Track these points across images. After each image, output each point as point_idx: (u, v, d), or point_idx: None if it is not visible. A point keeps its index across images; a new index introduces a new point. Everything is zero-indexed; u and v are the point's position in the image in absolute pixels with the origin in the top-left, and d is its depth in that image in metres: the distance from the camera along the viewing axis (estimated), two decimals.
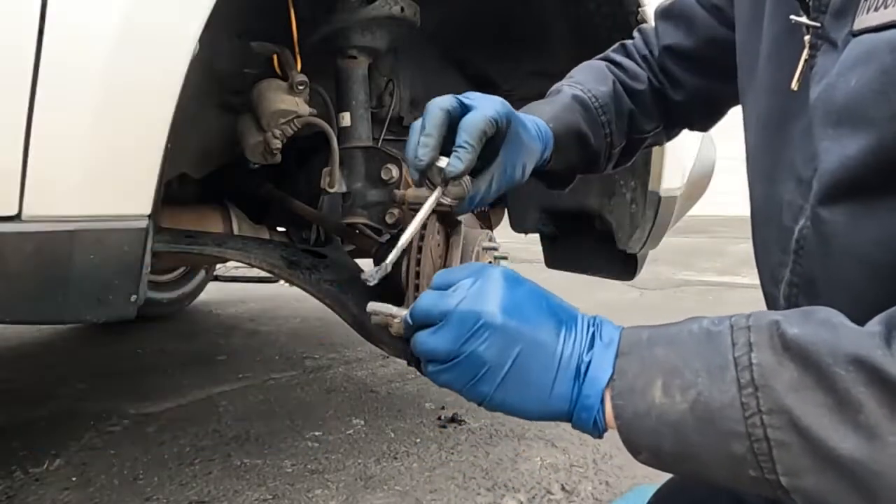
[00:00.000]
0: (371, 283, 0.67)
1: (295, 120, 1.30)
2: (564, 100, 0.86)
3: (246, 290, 3.82)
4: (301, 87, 1.29)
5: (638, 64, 0.91)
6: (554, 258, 1.97)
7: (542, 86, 1.80)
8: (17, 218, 0.81)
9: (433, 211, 0.91)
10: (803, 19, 0.54)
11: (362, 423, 1.94)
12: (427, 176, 0.66)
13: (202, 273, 3.29)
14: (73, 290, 0.86)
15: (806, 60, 0.55)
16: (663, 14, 0.90)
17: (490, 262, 1.33)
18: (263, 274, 1.40)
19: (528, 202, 1.93)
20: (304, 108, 1.30)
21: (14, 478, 1.53)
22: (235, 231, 1.56)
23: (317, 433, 1.85)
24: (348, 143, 1.36)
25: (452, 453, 1.74)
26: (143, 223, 0.90)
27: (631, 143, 0.91)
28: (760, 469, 0.42)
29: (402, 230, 0.71)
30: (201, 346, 2.78)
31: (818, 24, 0.53)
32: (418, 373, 1.46)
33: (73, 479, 1.55)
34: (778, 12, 0.62)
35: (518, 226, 1.95)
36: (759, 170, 0.65)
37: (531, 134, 0.74)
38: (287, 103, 1.28)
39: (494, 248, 1.33)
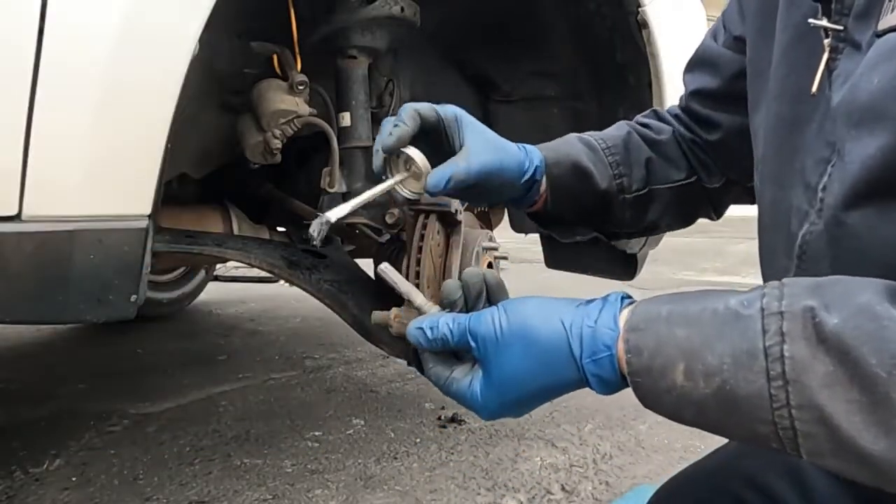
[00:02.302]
0: (315, 241, 0.69)
1: (295, 120, 1.30)
2: (565, 138, 0.85)
3: (246, 290, 3.81)
4: (301, 87, 1.29)
5: (666, 122, 0.88)
6: (554, 258, 1.97)
7: (542, 86, 1.82)
8: (17, 218, 0.81)
9: (434, 212, 0.93)
10: (823, 22, 0.53)
11: (362, 423, 1.94)
12: (389, 163, 0.72)
13: (202, 273, 3.29)
14: (73, 290, 0.86)
15: (826, 64, 0.54)
16: (687, 67, 0.87)
17: (490, 263, 1.33)
18: (263, 274, 1.40)
19: None
20: (304, 108, 1.30)
21: (14, 478, 1.53)
22: (235, 231, 1.56)
23: (317, 433, 1.85)
24: (348, 143, 1.36)
25: (452, 453, 1.74)
26: (143, 223, 0.90)
27: (658, 195, 0.85)
28: (783, 446, 0.42)
29: (403, 230, 0.73)
30: (201, 346, 2.78)
31: (840, 27, 0.53)
32: (418, 373, 1.46)
33: (73, 479, 1.54)
34: (789, 20, 0.61)
35: (518, 226, 1.95)
36: (768, 175, 0.65)
37: (495, 137, 0.75)
38: (287, 103, 1.28)
39: (494, 248, 1.33)
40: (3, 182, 0.80)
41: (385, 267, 0.64)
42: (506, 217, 1.96)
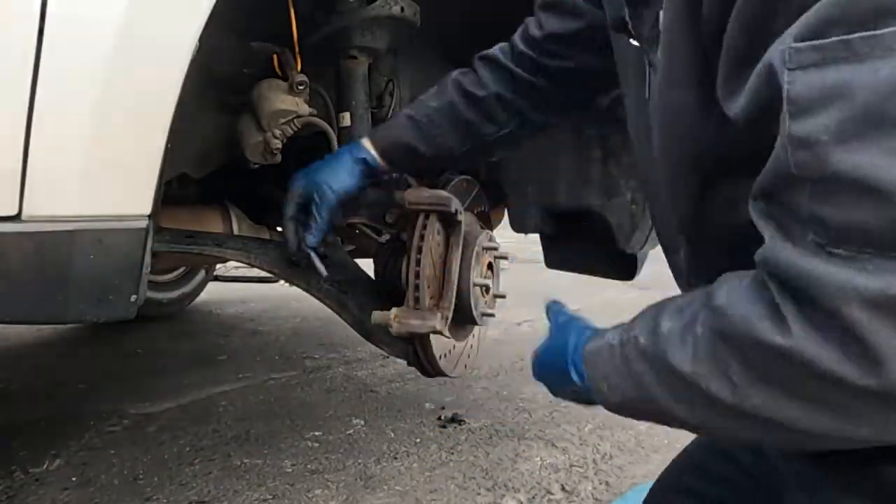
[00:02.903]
0: None
1: (295, 120, 1.30)
2: (396, 122, 1.13)
3: (246, 290, 3.81)
4: (301, 87, 1.29)
5: (503, 66, 1.04)
6: (554, 258, 1.97)
7: None
8: (17, 218, 0.81)
9: (434, 212, 0.96)
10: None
11: (362, 423, 1.94)
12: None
13: (202, 273, 3.29)
14: (73, 290, 0.86)
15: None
16: (544, 6, 1.00)
17: (490, 263, 1.33)
18: (263, 274, 1.40)
19: (527, 202, 1.92)
20: (304, 108, 1.30)
21: (14, 478, 1.53)
22: (235, 231, 1.56)
23: (317, 433, 1.85)
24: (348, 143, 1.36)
25: (452, 453, 1.74)
26: (143, 223, 0.90)
27: (484, 144, 1.10)
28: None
29: (403, 230, 0.78)
30: (201, 346, 2.78)
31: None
32: (418, 373, 1.46)
33: (73, 479, 1.55)
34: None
35: (518, 226, 1.95)
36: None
37: (332, 179, 1.12)
38: (287, 103, 1.28)
39: (494, 248, 1.33)
40: (3, 182, 0.80)
41: None
42: (506, 217, 1.96)
